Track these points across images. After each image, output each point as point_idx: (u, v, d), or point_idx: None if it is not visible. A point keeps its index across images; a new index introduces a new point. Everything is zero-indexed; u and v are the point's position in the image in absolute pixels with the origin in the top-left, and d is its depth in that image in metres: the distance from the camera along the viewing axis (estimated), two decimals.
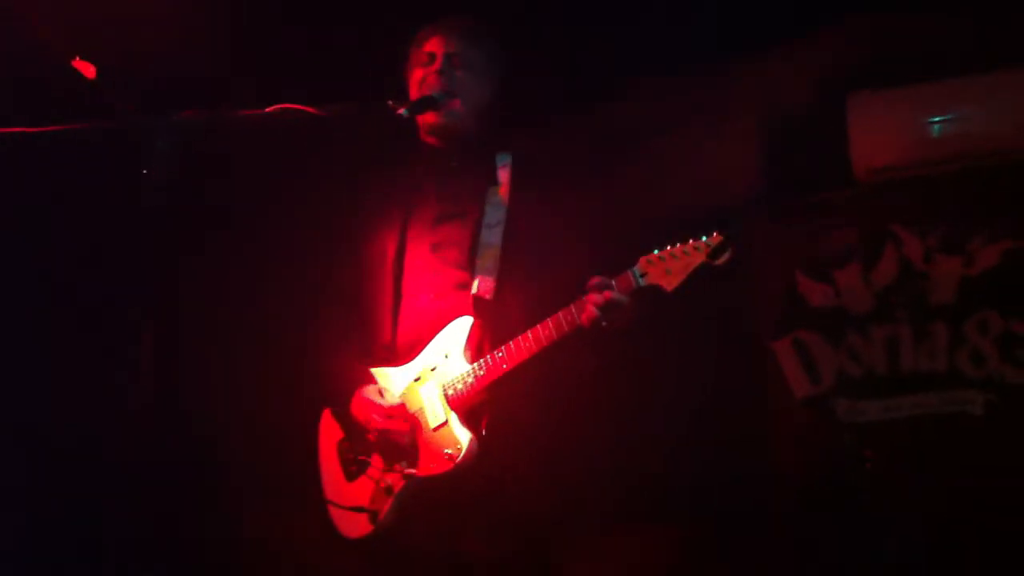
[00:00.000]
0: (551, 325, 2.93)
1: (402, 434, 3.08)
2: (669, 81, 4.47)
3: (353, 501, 3.14)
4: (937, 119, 4.28)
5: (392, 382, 3.19)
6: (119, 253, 4.17)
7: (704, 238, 2.80)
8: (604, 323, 2.88)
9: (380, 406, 3.12)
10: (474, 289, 3.13)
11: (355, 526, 3.15)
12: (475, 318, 3.11)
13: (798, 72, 4.47)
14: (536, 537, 3.12)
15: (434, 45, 3.31)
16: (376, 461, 3.13)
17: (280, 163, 4.35)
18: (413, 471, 3.03)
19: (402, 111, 3.12)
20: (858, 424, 4.41)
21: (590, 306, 2.88)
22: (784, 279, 4.58)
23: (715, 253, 2.79)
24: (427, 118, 3.27)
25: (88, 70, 3.03)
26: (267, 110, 2.84)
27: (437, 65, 3.27)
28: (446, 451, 2.99)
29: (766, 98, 4.56)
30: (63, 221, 4.41)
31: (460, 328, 3.11)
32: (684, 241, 2.82)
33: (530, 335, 2.96)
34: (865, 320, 4.46)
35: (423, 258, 3.23)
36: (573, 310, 2.91)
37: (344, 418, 3.24)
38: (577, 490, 3.80)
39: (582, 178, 3.37)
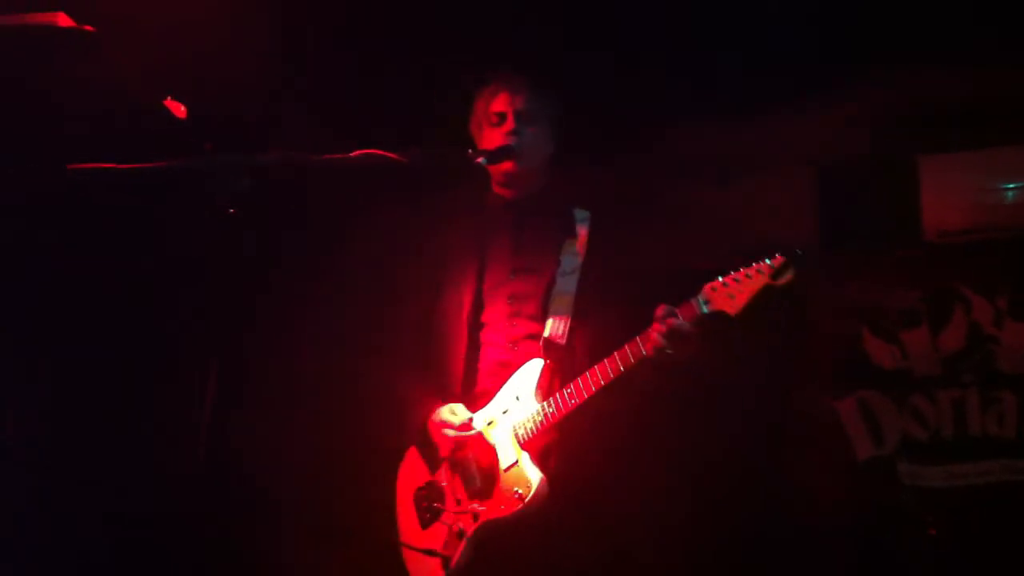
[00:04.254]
0: (617, 357, 2.95)
1: (474, 468, 3.11)
2: (733, 133, 4.49)
3: (427, 546, 3.16)
4: (1012, 184, 4.26)
5: (467, 430, 3.19)
6: (193, 289, 4.23)
7: (767, 260, 2.81)
8: (669, 351, 2.88)
9: (452, 423, 3.16)
10: (546, 332, 3.18)
11: (427, 572, 3.16)
12: (546, 360, 3.14)
13: (869, 128, 4.47)
14: None
15: (502, 104, 3.36)
16: (450, 505, 3.15)
17: (359, 209, 4.41)
18: (485, 510, 3.05)
19: (480, 160, 3.18)
20: (920, 488, 4.36)
21: (655, 335, 2.89)
22: (848, 336, 4.55)
23: (777, 275, 2.80)
24: (502, 168, 3.32)
25: (179, 109, 3.13)
26: (349, 154, 2.89)
27: (509, 125, 3.32)
28: (516, 491, 3.00)
29: (836, 152, 4.57)
30: (141, 255, 4.45)
31: (531, 370, 3.14)
32: (747, 265, 2.84)
33: (597, 369, 2.98)
34: (931, 383, 4.43)
35: (500, 310, 3.28)
36: (639, 341, 2.93)
37: (423, 454, 3.29)
38: (641, 539, 3.81)
39: (655, 228, 3.40)
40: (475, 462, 3.14)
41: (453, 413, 3.19)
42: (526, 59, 3.56)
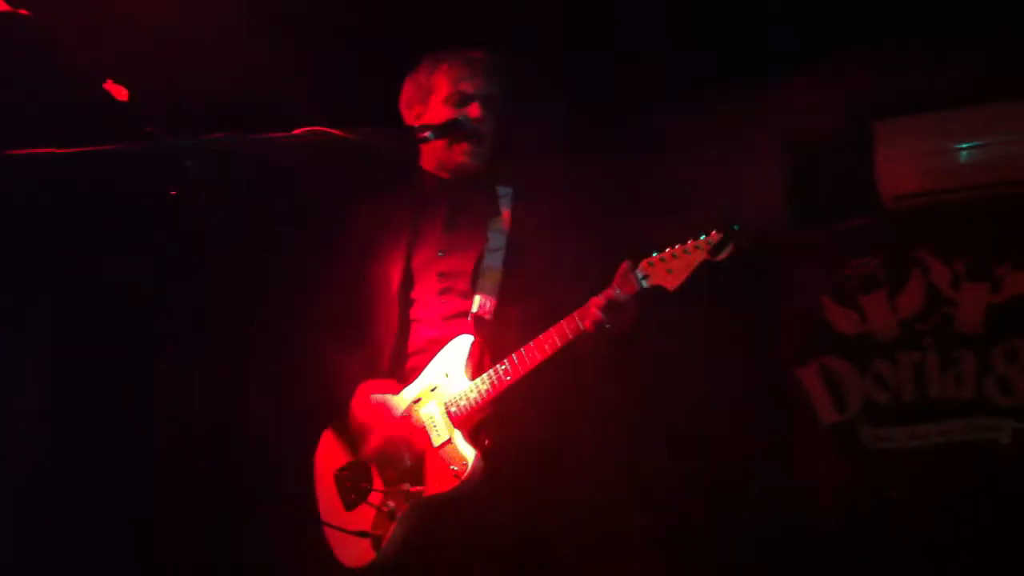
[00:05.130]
0: (554, 334, 2.94)
1: (404, 445, 3.08)
2: (693, 106, 4.49)
3: (354, 528, 3.10)
4: (964, 145, 4.28)
5: (393, 407, 3.16)
6: (127, 274, 4.20)
7: (703, 236, 2.83)
8: (607, 325, 2.89)
9: (384, 408, 3.13)
10: (474, 308, 3.16)
11: (356, 554, 3.11)
12: (475, 336, 3.12)
13: (823, 99, 4.49)
14: (547, 568, 3.10)
15: (469, 85, 3.25)
16: (378, 485, 3.10)
17: (292, 187, 4.37)
18: (419, 488, 3.02)
19: (427, 134, 3.15)
20: (883, 451, 4.40)
21: (594, 308, 2.90)
22: (810, 305, 4.58)
23: (716, 250, 2.81)
24: (453, 156, 3.26)
25: (120, 92, 3.09)
26: (294, 132, 2.86)
27: (477, 111, 3.23)
28: (452, 468, 2.97)
29: (791, 125, 4.58)
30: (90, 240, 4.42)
31: (460, 347, 3.12)
32: (683, 241, 2.85)
33: (533, 345, 2.96)
34: (891, 346, 4.47)
35: (430, 286, 3.24)
36: (576, 317, 2.93)
37: (345, 432, 3.24)
38: (589, 516, 3.80)
39: (588, 203, 3.38)
40: (404, 441, 3.08)
41: (383, 392, 3.16)
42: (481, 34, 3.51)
